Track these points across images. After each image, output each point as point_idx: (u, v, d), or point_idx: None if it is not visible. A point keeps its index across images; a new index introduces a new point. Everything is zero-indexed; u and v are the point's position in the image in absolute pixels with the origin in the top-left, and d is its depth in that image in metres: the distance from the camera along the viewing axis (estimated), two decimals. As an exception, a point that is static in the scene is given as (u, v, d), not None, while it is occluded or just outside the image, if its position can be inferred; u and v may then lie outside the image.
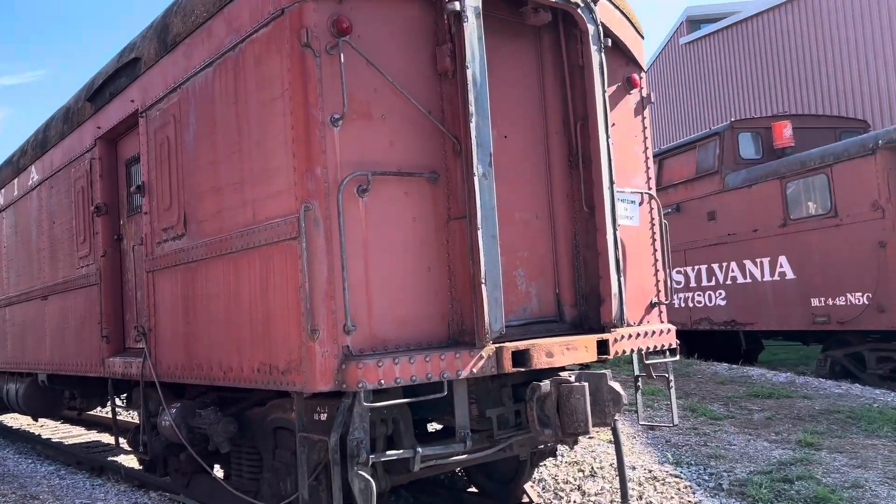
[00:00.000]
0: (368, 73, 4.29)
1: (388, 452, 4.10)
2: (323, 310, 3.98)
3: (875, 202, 9.20)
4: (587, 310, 5.24)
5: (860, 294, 9.47)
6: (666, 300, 5.80)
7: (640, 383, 6.27)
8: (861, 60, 18.24)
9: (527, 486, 5.93)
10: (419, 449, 4.15)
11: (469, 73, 4.36)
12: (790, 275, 10.61)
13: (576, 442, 4.89)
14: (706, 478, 5.78)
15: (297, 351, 4.09)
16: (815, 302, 10.19)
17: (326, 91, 4.12)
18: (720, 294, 12.02)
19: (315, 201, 4.04)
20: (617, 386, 4.64)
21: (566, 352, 4.69)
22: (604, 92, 5.13)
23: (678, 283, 12.97)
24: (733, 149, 11.85)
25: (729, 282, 11.80)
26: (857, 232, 9.48)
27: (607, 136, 5.15)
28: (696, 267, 12.52)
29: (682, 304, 12.91)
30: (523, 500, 5.87)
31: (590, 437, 6.80)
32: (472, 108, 4.35)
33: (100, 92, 6.81)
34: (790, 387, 8.48)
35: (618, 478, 6.00)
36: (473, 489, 6.34)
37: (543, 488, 6.20)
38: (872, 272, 9.27)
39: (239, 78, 4.66)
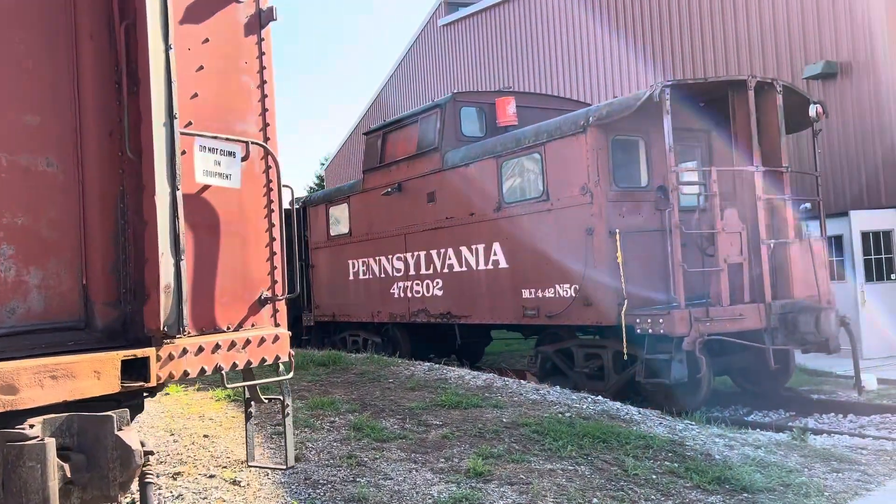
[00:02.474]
0: None
1: None
2: None
3: (584, 185, 8.41)
4: (134, 311, 3.46)
5: (568, 286, 8.68)
6: (282, 294, 4.18)
7: (252, 409, 4.66)
8: (593, 49, 18.36)
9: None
10: None
11: None
12: (503, 264, 9.66)
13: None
14: (332, 536, 4.26)
15: None
16: (525, 294, 9.31)
17: None
18: (438, 283, 10.89)
19: None
20: (130, 437, 2.89)
21: (49, 382, 2.86)
22: (162, -23, 3.36)
23: (398, 270, 11.71)
24: (455, 124, 10.74)
25: (446, 270, 10.70)
26: (567, 218, 8.67)
27: (167, 47, 3.38)
28: (416, 253, 11.31)
29: (402, 295, 11.66)
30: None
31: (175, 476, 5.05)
32: None
33: None
34: (485, 392, 7.38)
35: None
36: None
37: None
38: (580, 262, 8.49)
39: None
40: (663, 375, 7.83)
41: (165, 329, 3.27)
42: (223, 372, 3.66)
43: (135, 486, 3.23)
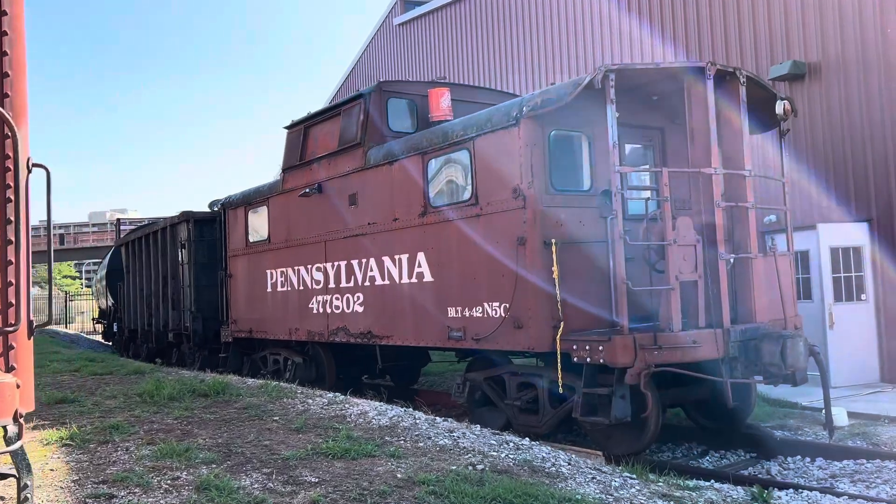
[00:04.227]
0: None
1: None
2: None
3: (516, 187, 7.18)
4: None
5: (497, 304, 7.44)
6: (16, 323, 2.85)
7: (26, 479, 3.32)
8: (557, 46, 17.27)
9: None
10: None
11: None
12: (428, 277, 8.39)
13: None
14: None
15: None
16: (451, 312, 8.04)
17: None
18: (358, 298, 9.58)
19: None
20: None
21: None
22: None
23: (318, 282, 10.37)
24: (381, 116, 9.46)
25: (367, 283, 9.39)
26: (498, 225, 7.44)
27: None
28: (336, 263, 9.99)
29: (321, 310, 10.33)
30: None
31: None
32: None
33: None
34: (387, 435, 6.07)
35: None
36: None
37: None
38: (511, 277, 7.25)
39: None
40: (603, 413, 6.61)
41: None
42: None
43: None
